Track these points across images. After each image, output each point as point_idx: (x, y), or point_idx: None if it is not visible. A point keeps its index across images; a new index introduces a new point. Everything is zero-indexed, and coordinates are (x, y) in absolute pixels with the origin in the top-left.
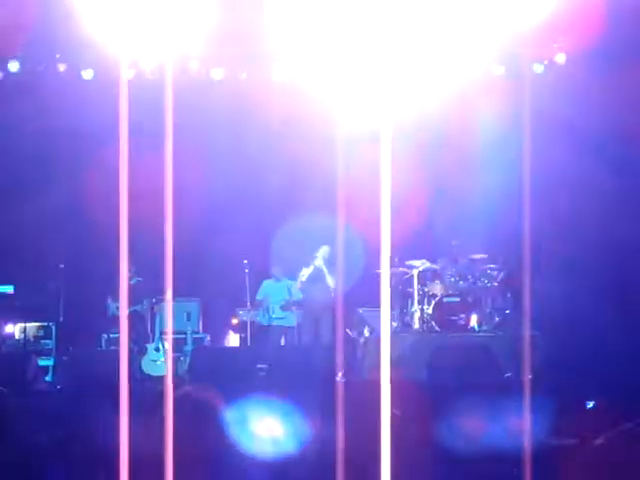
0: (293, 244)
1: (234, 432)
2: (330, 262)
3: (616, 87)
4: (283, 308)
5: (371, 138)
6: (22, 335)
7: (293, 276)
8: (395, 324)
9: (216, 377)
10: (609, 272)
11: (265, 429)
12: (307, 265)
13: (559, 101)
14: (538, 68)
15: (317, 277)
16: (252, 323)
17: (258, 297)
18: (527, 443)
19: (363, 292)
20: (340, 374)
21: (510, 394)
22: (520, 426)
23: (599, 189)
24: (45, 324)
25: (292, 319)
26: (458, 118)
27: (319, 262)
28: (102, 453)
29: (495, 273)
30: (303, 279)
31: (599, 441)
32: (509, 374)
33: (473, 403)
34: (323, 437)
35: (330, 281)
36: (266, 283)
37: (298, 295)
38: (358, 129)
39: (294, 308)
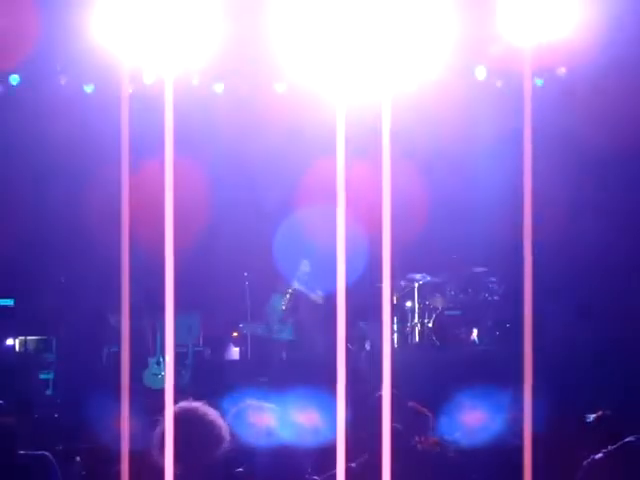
0: (296, 257)
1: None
2: (310, 279)
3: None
4: (281, 321)
5: (371, 150)
6: (23, 348)
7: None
8: (395, 338)
9: (217, 390)
10: (611, 285)
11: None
12: (283, 294)
13: (559, 114)
14: (538, 81)
15: (300, 300)
16: (253, 336)
17: (267, 311)
18: (527, 456)
19: (364, 305)
20: None
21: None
22: (519, 438)
23: (600, 202)
24: (46, 337)
25: (291, 332)
26: (457, 130)
27: (296, 285)
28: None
29: (496, 286)
30: (283, 307)
31: (599, 455)
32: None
33: (472, 415)
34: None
35: (315, 297)
36: (273, 296)
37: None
38: (359, 140)
39: (292, 321)
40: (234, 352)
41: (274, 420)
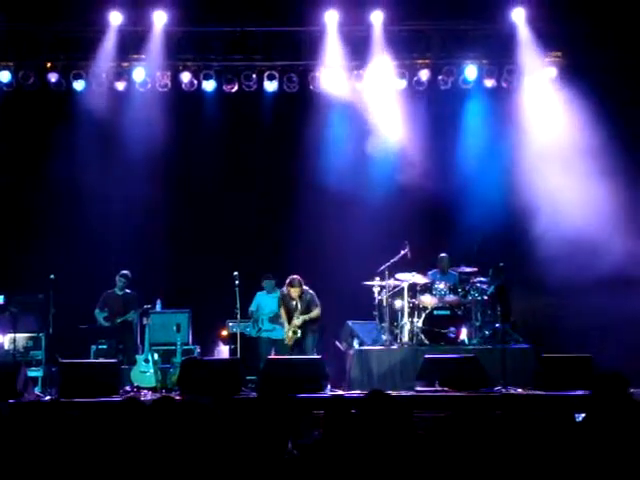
0: (285, 256)
1: None
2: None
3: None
4: (271, 320)
5: (362, 149)
6: (12, 345)
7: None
8: (385, 337)
9: (205, 389)
10: (599, 285)
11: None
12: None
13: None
14: (529, 80)
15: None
16: (242, 335)
17: (251, 309)
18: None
19: (352, 304)
20: None
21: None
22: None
23: (588, 200)
24: (35, 335)
25: (281, 331)
26: (448, 129)
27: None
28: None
29: (485, 286)
30: (298, 324)
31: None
32: (499, 387)
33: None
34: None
35: (315, 313)
36: (259, 295)
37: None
38: (348, 139)
39: (281, 320)
40: (223, 350)
41: None
